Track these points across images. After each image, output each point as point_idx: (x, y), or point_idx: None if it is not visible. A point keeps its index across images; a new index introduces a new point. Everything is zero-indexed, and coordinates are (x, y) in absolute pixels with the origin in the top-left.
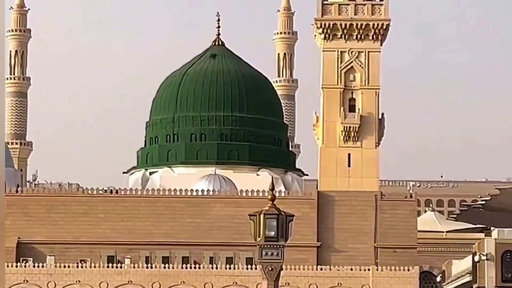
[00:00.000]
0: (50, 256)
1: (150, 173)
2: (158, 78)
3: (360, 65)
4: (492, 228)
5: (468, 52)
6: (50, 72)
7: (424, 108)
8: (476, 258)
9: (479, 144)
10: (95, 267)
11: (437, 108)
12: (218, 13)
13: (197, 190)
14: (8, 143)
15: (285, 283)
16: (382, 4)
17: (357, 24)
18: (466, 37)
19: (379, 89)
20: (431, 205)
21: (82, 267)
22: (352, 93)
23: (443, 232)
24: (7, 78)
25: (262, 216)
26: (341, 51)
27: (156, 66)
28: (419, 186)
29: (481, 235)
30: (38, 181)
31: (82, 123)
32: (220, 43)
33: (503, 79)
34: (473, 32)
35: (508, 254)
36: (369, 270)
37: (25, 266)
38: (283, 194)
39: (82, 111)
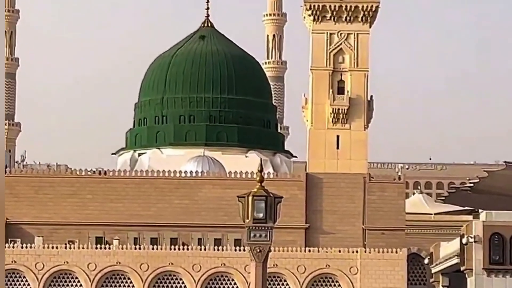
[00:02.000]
0: (38, 237)
1: (139, 154)
2: (147, 59)
3: (349, 47)
4: (480, 210)
5: (459, 33)
6: (38, 53)
7: (413, 90)
8: (464, 241)
9: (468, 126)
10: (83, 248)
11: (426, 90)
12: None
13: (185, 172)
14: None
15: (273, 265)
16: None
17: (346, 6)
18: (456, 18)
19: (368, 71)
20: (419, 187)
21: (70, 248)
22: (341, 75)
23: (431, 214)
24: None
25: (250, 197)
26: (330, 33)
27: (145, 47)
28: (407, 168)
29: (469, 217)
30: (26, 162)
31: (70, 104)
32: (209, 25)
33: (492, 62)
34: (463, 13)
35: (496, 236)
36: (357, 252)
37: (13, 247)
38: (271, 176)
39: (70, 92)
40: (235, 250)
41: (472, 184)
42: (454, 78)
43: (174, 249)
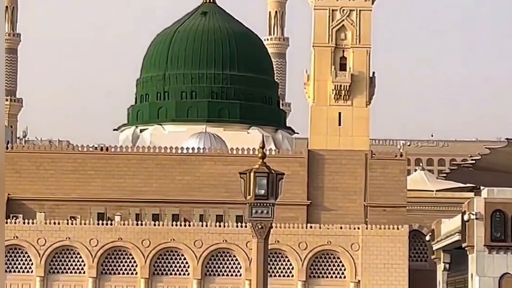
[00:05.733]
0: (40, 212)
1: (141, 131)
2: (149, 36)
3: (352, 24)
4: (481, 187)
5: (461, 9)
6: (40, 29)
7: (415, 67)
8: (466, 217)
9: (470, 103)
10: (85, 224)
11: (428, 67)
12: None
13: (187, 148)
14: None
15: (275, 241)
16: None
17: None
18: None
19: (370, 47)
20: (421, 164)
21: (72, 224)
22: (343, 51)
23: (432, 191)
24: None
25: (252, 174)
26: (332, 10)
27: (147, 23)
28: (409, 145)
29: (471, 194)
30: (28, 138)
31: (73, 80)
32: (211, 1)
33: (495, 35)
34: None
35: (497, 213)
36: (358, 228)
37: (15, 223)
38: (273, 153)
39: (73, 68)
40: (237, 226)
41: (474, 161)
42: (456, 55)
43: (176, 225)
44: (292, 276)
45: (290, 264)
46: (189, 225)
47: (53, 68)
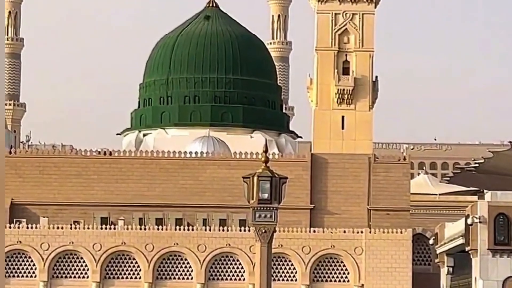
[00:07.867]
0: (43, 217)
1: (144, 135)
2: (152, 40)
3: (354, 28)
4: (485, 191)
5: (462, 13)
6: (44, 33)
7: (418, 71)
8: (469, 221)
9: (473, 106)
10: (88, 228)
11: (431, 70)
12: None
13: (190, 152)
14: None
15: (278, 245)
16: None
17: None
18: None
19: (373, 51)
20: (424, 168)
21: (75, 228)
22: (346, 55)
23: (436, 194)
24: None
25: (255, 178)
26: (335, 13)
27: (150, 27)
28: (412, 149)
29: (474, 198)
30: (31, 142)
31: (76, 84)
32: (214, 5)
33: (496, 38)
34: None
35: (501, 216)
36: (362, 232)
37: (18, 227)
38: (276, 156)
39: (76, 72)
40: (240, 230)
41: (477, 165)
42: (459, 58)
43: (179, 229)
44: (296, 280)
45: (294, 268)
46: (193, 229)
47: (56, 72)
